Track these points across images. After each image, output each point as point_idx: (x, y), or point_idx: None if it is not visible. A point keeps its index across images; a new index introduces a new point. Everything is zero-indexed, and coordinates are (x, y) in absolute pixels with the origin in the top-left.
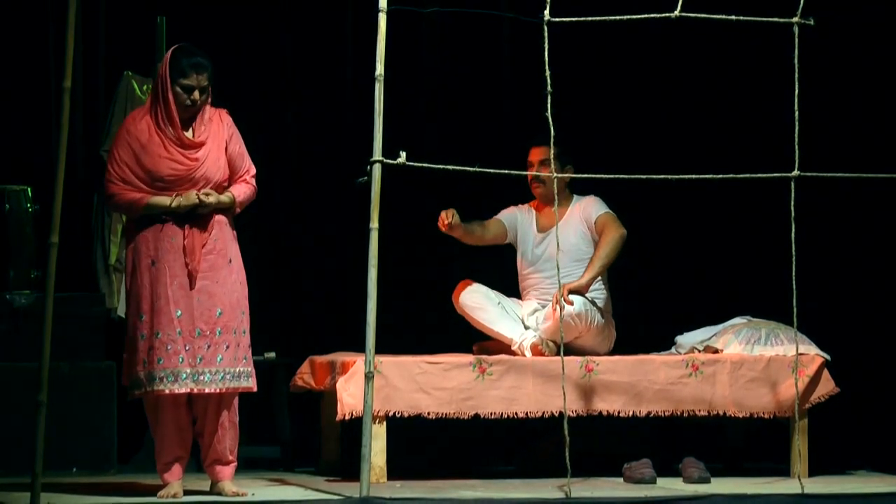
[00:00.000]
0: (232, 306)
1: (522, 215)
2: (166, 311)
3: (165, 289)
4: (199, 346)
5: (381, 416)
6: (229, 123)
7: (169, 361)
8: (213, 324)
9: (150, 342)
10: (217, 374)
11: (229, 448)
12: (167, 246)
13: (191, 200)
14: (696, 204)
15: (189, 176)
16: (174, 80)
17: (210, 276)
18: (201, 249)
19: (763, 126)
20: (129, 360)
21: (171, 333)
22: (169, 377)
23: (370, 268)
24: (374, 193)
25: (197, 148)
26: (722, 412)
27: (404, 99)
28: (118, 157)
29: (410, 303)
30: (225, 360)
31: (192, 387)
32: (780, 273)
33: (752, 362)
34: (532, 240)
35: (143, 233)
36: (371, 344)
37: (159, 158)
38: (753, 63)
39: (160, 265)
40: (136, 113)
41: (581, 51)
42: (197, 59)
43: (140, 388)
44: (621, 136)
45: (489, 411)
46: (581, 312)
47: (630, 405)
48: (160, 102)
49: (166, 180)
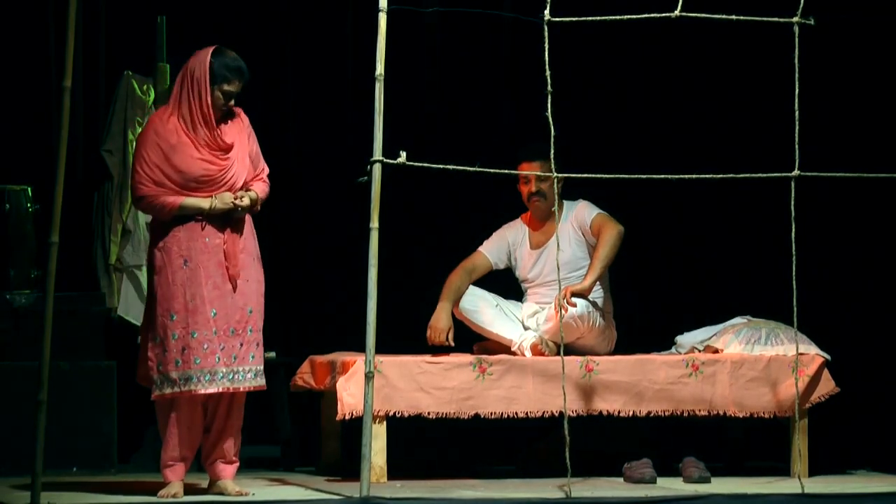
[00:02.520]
0: (259, 304)
1: (514, 236)
2: (202, 310)
3: (200, 289)
4: (234, 345)
5: (382, 416)
6: (248, 123)
7: (206, 361)
8: (245, 322)
9: (184, 342)
10: (249, 372)
11: (234, 447)
12: (201, 246)
13: (226, 203)
14: (696, 204)
15: (220, 177)
16: (216, 83)
17: (242, 275)
18: (240, 253)
19: (763, 126)
20: (157, 359)
21: (207, 333)
22: (206, 377)
23: (370, 267)
24: (374, 193)
25: (227, 150)
26: (722, 412)
27: (405, 99)
28: (147, 158)
29: (411, 302)
30: (256, 358)
31: (227, 385)
32: (781, 273)
33: (753, 362)
34: (527, 260)
35: (175, 232)
36: (371, 343)
37: (191, 160)
38: (754, 63)
39: (194, 265)
40: (162, 113)
41: (581, 51)
42: (239, 63)
43: (172, 388)
44: (621, 135)
45: (489, 411)
46: (583, 314)
47: (630, 405)
48: (195, 104)
49: (199, 181)
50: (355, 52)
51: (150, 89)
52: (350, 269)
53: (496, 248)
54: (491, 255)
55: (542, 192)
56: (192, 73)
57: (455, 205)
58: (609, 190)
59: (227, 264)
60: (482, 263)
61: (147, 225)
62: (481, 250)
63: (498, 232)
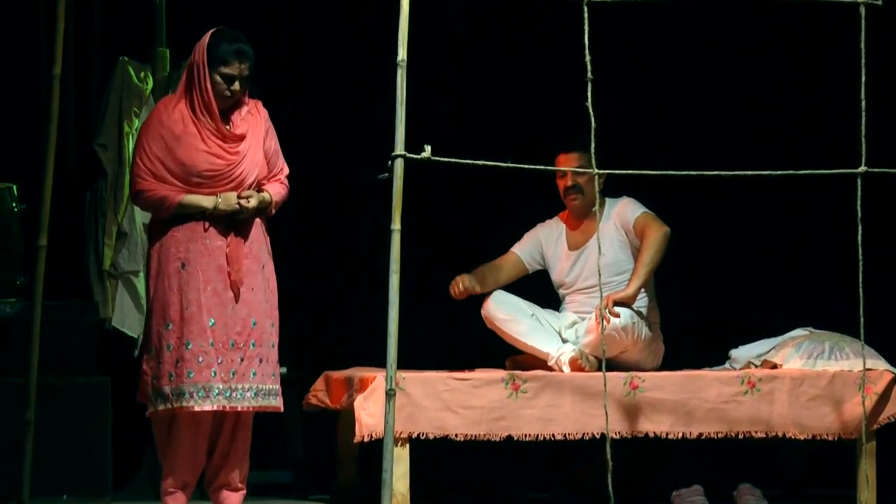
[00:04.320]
0: (265, 316)
1: (549, 235)
2: (198, 319)
3: (198, 295)
4: (233, 360)
5: (404, 438)
6: (266, 116)
7: (200, 375)
8: (247, 335)
9: (178, 353)
10: (249, 391)
11: (240, 472)
12: (201, 248)
13: (231, 205)
14: (751, 204)
15: (228, 172)
16: (213, 67)
17: (245, 283)
18: (244, 258)
19: (826, 117)
20: (151, 372)
21: (203, 344)
22: (199, 392)
23: (392, 273)
24: (395, 192)
25: (237, 141)
26: (781, 433)
27: (427, 88)
28: (148, 149)
29: (436, 312)
30: (258, 376)
31: (223, 404)
32: (846, 279)
33: (815, 378)
34: (564, 262)
35: (173, 232)
36: (392, 358)
37: (196, 152)
38: (814, 48)
39: (192, 269)
40: (168, 100)
41: (623, 35)
42: (240, 45)
43: (165, 404)
44: (668, 128)
45: (523, 433)
46: (627, 325)
47: (679, 426)
48: (196, 90)
49: (204, 176)
50: (373, 36)
51: (149, 77)
52: (368, 276)
53: (528, 247)
54: (523, 254)
55: (579, 186)
56: (194, 58)
57: (485, 205)
58: (652, 189)
59: (229, 270)
60: (511, 262)
61: (144, 227)
62: (513, 250)
63: (531, 231)
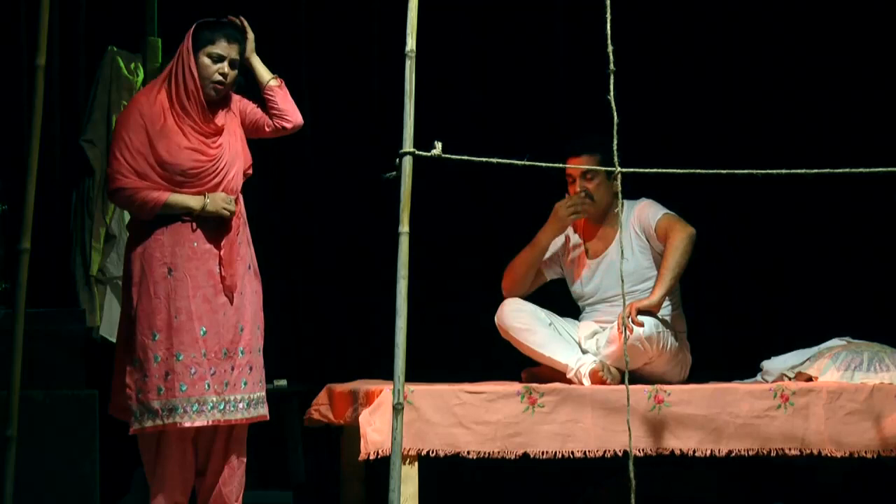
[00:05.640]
0: (252, 321)
1: (565, 244)
2: (189, 328)
3: (187, 302)
4: (225, 370)
5: (413, 456)
6: (237, 98)
7: (193, 388)
8: (236, 342)
9: (167, 365)
10: (242, 402)
11: (235, 492)
12: (188, 252)
13: (218, 207)
14: (784, 206)
15: (211, 168)
16: (199, 49)
17: (237, 286)
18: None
19: (864, 113)
20: (135, 386)
21: (195, 355)
22: (193, 407)
23: (400, 279)
24: (404, 191)
25: (217, 135)
26: (817, 451)
27: (436, 81)
28: (129, 142)
29: (447, 321)
30: (249, 385)
31: (217, 418)
32: (885, 287)
33: (853, 392)
34: (582, 272)
35: (157, 235)
36: (400, 370)
37: (179, 149)
38: (854, 36)
39: (179, 274)
40: (148, 91)
41: (647, 23)
42: (228, 29)
43: (153, 420)
44: (694, 125)
45: (540, 450)
46: (651, 335)
47: (707, 443)
48: (180, 79)
49: (188, 174)
50: (380, 27)
51: (139, 68)
52: (374, 282)
53: (547, 255)
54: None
55: (587, 192)
56: (179, 50)
57: (497, 206)
58: (675, 190)
59: (224, 274)
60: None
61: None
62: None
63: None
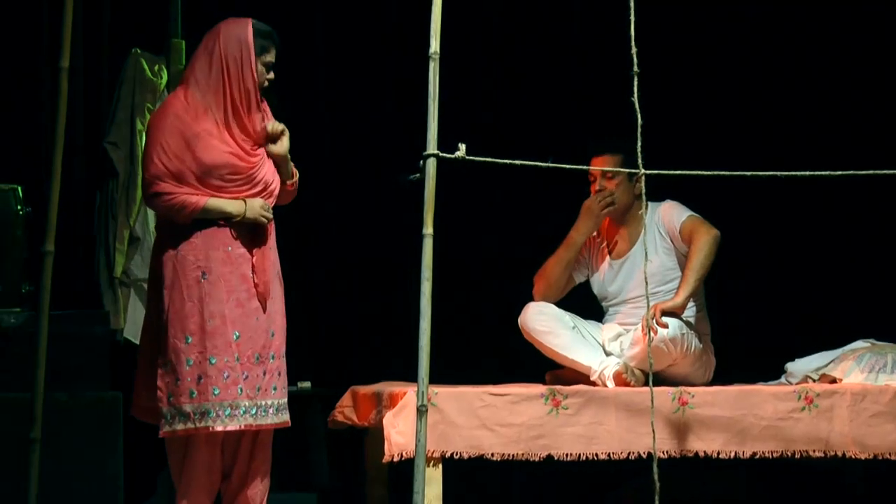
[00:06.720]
0: (281, 326)
1: (590, 245)
2: (222, 332)
3: (221, 306)
4: (258, 374)
5: (437, 458)
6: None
7: (227, 393)
8: (268, 347)
9: (200, 369)
10: (272, 407)
11: (260, 495)
12: (223, 256)
13: (257, 214)
14: (808, 207)
15: (250, 175)
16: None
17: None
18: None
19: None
20: (166, 389)
21: (228, 360)
22: (226, 411)
23: (424, 281)
24: (428, 193)
25: (259, 143)
26: (841, 453)
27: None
28: (167, 146)
29: (471, 323)
30: (279, 390)
31: (250, 422)
32: None
33: (877, 394)
34: (605, 273)
35: (191, 239)
36: (424, 372)
37: (218, 152)
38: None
39: (213, 278)
40: (181, 94)
41: (670, 23)
42: (274, 35)
43: (185, 424)
44: (717, 126)
45: (564, 452)
46: (676, 337)
47: (732, 445)
48: (235, 87)
49: (225, 178)
50: (401, 28)
51: (163, 70)
52: (398, 284)
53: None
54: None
55: (609, 192)
56: (226, 51)
57: (522, 208)
58: (699, 192)
59: (256, 280)
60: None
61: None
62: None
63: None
